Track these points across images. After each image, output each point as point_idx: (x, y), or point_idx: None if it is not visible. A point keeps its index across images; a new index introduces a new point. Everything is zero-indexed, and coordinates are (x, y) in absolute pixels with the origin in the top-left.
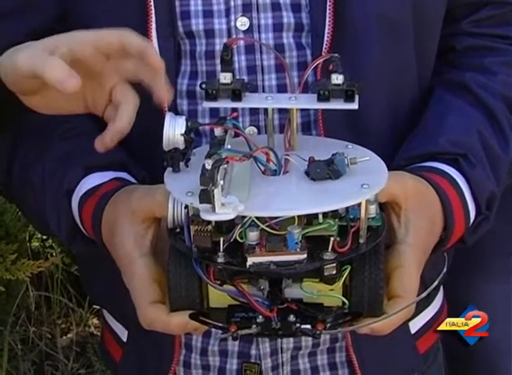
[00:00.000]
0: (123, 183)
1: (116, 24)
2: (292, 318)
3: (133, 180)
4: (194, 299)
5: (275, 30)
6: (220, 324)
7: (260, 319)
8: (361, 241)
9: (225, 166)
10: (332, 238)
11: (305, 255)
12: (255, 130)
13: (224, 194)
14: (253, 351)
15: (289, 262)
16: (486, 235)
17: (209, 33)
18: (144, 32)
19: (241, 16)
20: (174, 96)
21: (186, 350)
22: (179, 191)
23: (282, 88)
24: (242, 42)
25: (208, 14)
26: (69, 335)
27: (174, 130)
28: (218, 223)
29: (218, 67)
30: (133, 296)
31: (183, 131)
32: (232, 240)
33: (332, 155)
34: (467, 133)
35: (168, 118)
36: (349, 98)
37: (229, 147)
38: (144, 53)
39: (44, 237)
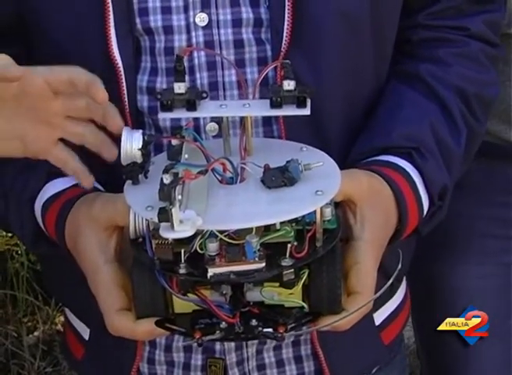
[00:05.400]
0: (84, 191)
1: (73, 22)
2: (254, 322)
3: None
4: (159, 307)
5: (235, 26)
6: (185, 330)
7: (223, 324)
8: (318, 244)
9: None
10: (289, 245)
11: (264, 264)
12: (216, 126)
13: (182, 209)
14: (217, 347)
15: (248, 271)
16: (460, 218)
17: (168, 30)
18: (102, 29)
19: (200, 11)
20: (134, 92)
21: (150, 347)
22: (139, 204)
23: None
24: (201, 39)
25: (166, 10)
26: (36, 333)
27: (131, 144)
28: None
29: None
30: (99, 304)
31: (140, 146)
32: (192, 250)
33: (287, 162)
34: (419, 126)
35: (125, 133)
36: (301, 104)
37: (186, 156)
38: (91, 86)
39: (10, 234)
